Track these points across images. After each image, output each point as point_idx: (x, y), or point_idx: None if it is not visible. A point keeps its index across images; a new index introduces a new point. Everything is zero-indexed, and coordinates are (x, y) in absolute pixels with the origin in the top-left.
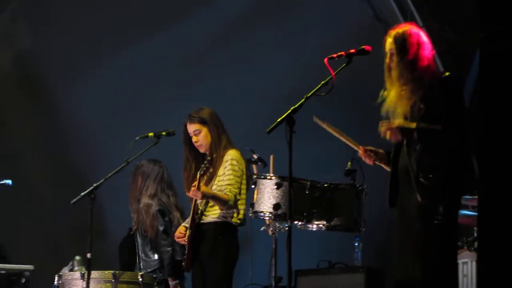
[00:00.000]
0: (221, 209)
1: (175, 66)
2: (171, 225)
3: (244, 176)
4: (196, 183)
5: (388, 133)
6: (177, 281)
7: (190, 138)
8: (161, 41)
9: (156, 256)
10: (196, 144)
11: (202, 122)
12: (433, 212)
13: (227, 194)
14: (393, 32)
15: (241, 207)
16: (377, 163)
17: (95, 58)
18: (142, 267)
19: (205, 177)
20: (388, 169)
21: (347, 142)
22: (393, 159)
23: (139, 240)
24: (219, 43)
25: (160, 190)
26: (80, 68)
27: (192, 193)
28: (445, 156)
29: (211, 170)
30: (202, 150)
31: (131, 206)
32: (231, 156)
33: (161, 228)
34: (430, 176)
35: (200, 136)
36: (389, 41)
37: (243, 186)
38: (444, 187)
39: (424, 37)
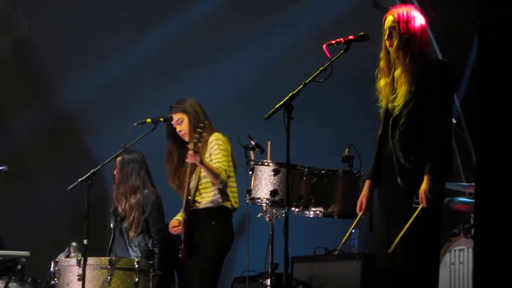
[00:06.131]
0: (214, 183)
1: (171, 56)
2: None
3: (231, 158)
4: (191, 146)
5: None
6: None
7: (173, 130)
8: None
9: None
10: (180, 133)
11: (183, 111)
12: (413, 196)
13: (218, 168)
14: (395, 11)
15: (232, 189)
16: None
17: (94, 46)
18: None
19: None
20: None
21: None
22: (379, 139)
23: (125, 237)
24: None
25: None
26: (78, 55)
27: (190, 157)
28: (428, 139)
29: (199, 144)
30: (186, 139)
31: (120, 203)
32: (215, 137)
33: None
34: (412, 158)
35: (183, 124)
36: (390, 19)
37: (231, 169)
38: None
39: (423, 20)
